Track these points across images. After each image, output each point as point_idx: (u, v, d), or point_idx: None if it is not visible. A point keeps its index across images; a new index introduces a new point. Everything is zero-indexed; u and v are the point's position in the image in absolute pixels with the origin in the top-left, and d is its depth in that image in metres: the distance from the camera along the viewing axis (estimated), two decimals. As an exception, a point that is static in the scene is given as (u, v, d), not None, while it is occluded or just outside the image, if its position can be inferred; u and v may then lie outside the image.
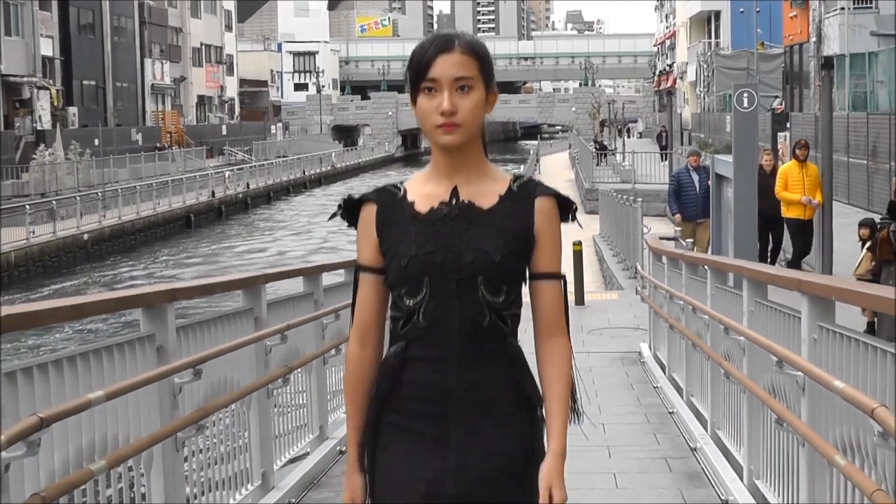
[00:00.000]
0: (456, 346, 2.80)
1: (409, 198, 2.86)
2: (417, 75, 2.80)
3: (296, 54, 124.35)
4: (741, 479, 6.38)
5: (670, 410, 9.06)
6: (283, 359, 6.57)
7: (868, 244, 11.67)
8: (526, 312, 2.90)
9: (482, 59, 2.82)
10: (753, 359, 5.97)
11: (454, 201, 2.83)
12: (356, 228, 2.93)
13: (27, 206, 33.64)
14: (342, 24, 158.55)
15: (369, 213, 2.88)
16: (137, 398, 4.36)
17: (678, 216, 18.20)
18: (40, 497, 3.27)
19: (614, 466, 7.29)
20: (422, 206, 2.84)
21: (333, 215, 2.95)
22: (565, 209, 2.89)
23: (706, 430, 7.76)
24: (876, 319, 10.68)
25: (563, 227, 2.91)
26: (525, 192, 2.85)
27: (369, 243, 2.88)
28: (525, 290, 2.89)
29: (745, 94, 11.30)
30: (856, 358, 3.91)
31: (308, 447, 7.42)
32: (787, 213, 15.75)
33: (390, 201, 2.87)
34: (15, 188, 41.56)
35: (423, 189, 2.87)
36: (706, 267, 7.85)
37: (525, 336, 2.87)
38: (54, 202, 35.86)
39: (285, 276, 7.48)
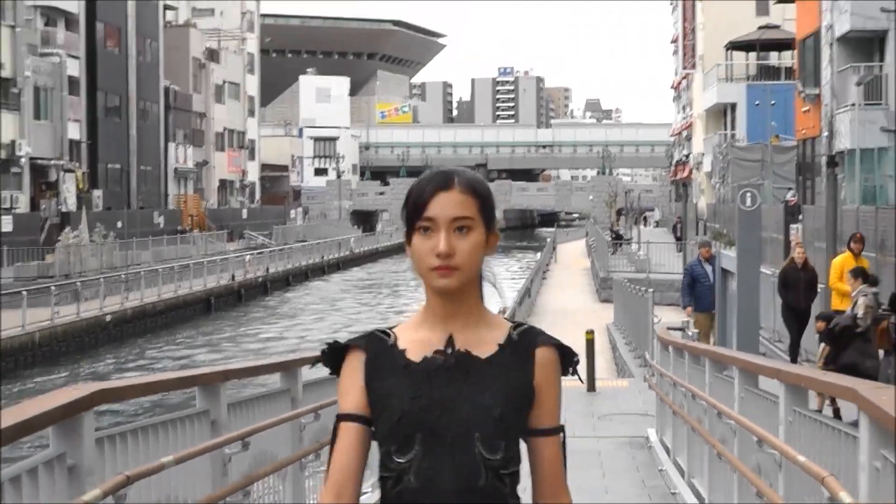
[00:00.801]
0: None
1: (401, 345, 2.66)
2: (413, 213, 2.62)
3: (316, 139, 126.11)
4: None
5: (673, 491, 9.62)
6: (316, 435, 7.17)
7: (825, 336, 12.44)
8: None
9: (483, 198, 2.64)
10: (743, 441, 6.58)
11: (450, 350, 2.63)
12: (338, 376, 2.73)
13: (52, 287, 34.37)
14: (363, 109, 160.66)
15: (356, 360, 2.68)
16: (195, 465, 4.94)
17: (689, 309, 18.71)
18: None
19: (618, 541, 7.87)
20: (414, 355, 2.63)
21: (316, 361, 2.78)
22: (567, 360, 2.70)
23: (703, 507, 8.35)
24: None
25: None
26: (525, 340, 2.66)
27: (356, 391, 2.66)
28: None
29: (749, 194, 11.99)
30: (820, 437, 4.52)
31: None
32: (839, 304, 15.30)
33: (380, 349, 2.67)
34: (40, 269, 42.37)
35: (415, 335, 2.67)
36: (705, 357, 8.48)
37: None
38: (79, 283, 36.60)
39: (319, 361, 8.10)
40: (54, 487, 3.71)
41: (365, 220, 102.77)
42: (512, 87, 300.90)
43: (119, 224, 57.32)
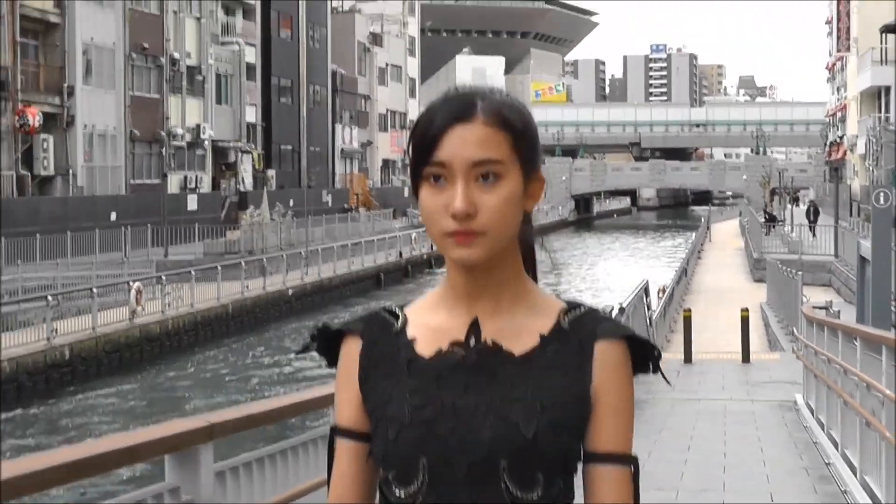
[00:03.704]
0: None
1: (410, 332, 1.98)
2: (419, 155, 1.90)
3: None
4: (855, 476, 9.18)
5: (814, 441, 11.78)
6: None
7: None
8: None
9: (518, 131, 1.91)
10: (863, 391, 8.80)
11: (472, 342, 1.94)
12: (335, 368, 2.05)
13: (242, 263, 37.40)
14: (517, 88, 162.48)
15: (351, 351, 2.00)
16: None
17: None
18: None
19: (768, 471, 10.15)
20: (425, 347, 1.96)
21: (305, 349, 2.07)
22: (643, 357, 1.98)
23: (837, 450, 10.53)
24: None
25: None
26: (581, 330, 1.95)
27: (349, 396, 2.00)
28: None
29: (882, 194, 13.98)
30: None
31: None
32: None
33: (382, 336, 2.00)
34: (227, 245, 45.54)
35: (430, 320, 1.99)
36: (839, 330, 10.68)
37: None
38: (265, 259, 39.63)
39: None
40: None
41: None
42: (665, 65, 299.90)
43: (291, 202, 60.51)
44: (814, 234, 45.89)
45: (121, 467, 3.61)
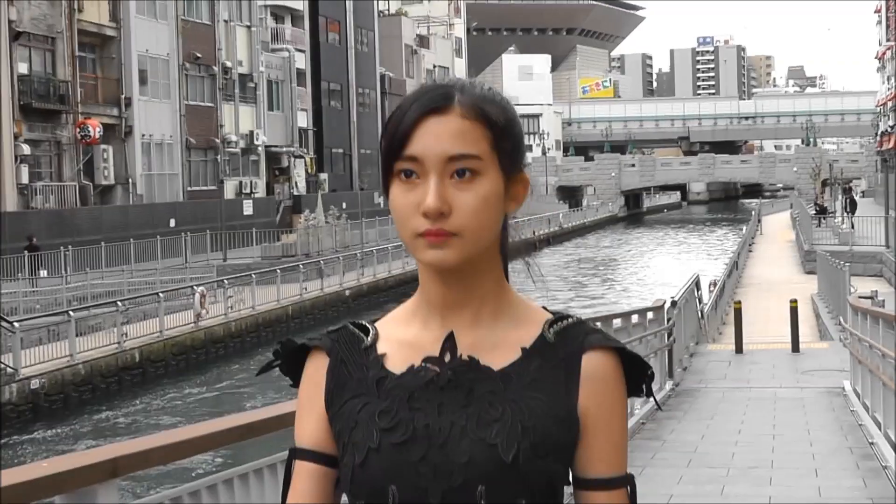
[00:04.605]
0: None
1: (380, 348, 1.78)
2: (390, 150, 1.72)
3: (521, 117, 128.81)
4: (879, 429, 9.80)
5: (860, 423, 12.37)
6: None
7: None
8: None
9: (498, 126, 1.74)
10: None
11: (447, 357, 1.74)
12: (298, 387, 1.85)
13: (301, 266, 38.23)
14: (564, 85, 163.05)
15: (317, 368, 1.81)
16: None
17: None
18: None
19: (815, 450, 10.78)
20: (396, 364, 1.76)
21: (267, 367, 1.88)
22: (635, 373, 1.79)
23: (880, 430, 11.14)
24: None
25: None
26: (567, 343, 1.76)
27: (313, 415, 1.80)
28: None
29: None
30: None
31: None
32: None
33: (350, 352, 1.80)
34: (284, 249, 46.39)
35: (403, 333, 1.79)
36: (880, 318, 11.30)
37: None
38: (322, 262, 40.45)
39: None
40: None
41: (571, 195, 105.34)
42: (712, 58, 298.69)
43: (344, 205, 61.34)
44: (852, 226, 46.08)
45: (245, 440, 4.28)
